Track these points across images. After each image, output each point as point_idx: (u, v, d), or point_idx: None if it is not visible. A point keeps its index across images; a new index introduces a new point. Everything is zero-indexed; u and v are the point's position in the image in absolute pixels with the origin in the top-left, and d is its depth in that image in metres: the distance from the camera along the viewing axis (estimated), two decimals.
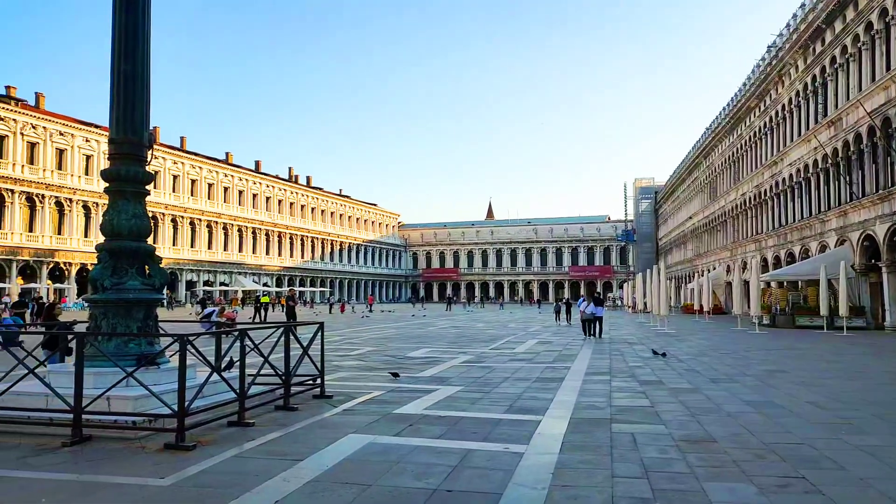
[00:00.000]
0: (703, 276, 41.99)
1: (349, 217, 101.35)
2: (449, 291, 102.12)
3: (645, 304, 37.55)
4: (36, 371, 7.06)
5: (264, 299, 39.86)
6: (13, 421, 6.43)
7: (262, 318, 33.72)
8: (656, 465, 5.42)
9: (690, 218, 61.14)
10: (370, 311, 54.35)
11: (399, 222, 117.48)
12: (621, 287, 77.24)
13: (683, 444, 6.14)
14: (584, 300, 25.11)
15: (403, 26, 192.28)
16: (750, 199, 41.67)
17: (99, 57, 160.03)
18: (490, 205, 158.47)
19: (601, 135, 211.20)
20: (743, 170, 44.04)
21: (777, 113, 36.84)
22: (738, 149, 45.31)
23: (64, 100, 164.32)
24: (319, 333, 9.04)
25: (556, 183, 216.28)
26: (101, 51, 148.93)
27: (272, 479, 4.95)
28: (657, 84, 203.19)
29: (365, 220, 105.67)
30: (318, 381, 8.91)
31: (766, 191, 38.55)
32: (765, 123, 39.02)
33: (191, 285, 70.01)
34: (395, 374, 11.06)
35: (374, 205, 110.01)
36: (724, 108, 48.89)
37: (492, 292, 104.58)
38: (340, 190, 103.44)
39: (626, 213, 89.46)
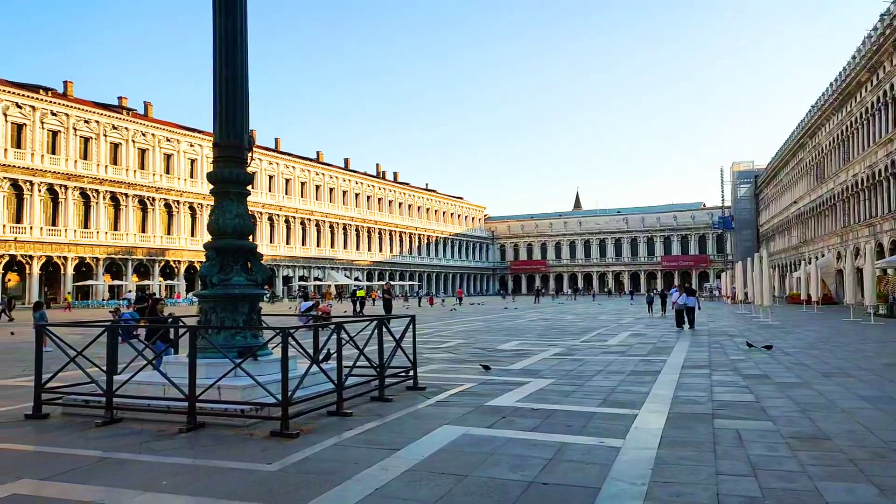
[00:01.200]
0: (810, 263, 39.45)
1: (436, 211, 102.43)
2: (537, 283, 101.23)
3: (745, 294, 35.72)
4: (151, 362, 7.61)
5: (360, 293, 41.03)
6: (135, 408, 6.95)
7: (357, 311, 34.69)
8: (764, 462, 5.17)
9: (795, 202, 57.56)
10: (460, 303, 54.75)
11: (485, 215, 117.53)
12: (718, 277, 74.00)
13: (793, 442, 5.81)
14: (675, 291, 24.30)
15: (484, 17, 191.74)
16: (862, 180, 38.72)
17: (196, 64, 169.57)
18: (577, 195, 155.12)
19: (694, 119, 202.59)
20: (853, 149, 40.97)
21: (892, 86, 33.98)
22: (847, 127, 42.18)
23: (167, 106, 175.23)
24: (411, 326, 9.21)
25: (646, 171, 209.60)
26: (199, 57, 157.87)
27: (371, 468, 5.09)
28: (755, 62, 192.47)
29: (451, 214, 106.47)
30: (411, 372, 9.08)
31: (880, 171, 35.69)
32: (878, 98, 36.08)
33: (287, 280, 73.10)
34: (487, 367, 11.09)
35: (461, 198, 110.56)
36: (830, 84, 45.62)
37: (580, 284, 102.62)
38: (427, 184, 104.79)
39: (722, 200, 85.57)
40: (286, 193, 74.56)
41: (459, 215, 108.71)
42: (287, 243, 74.08)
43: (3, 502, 4.39)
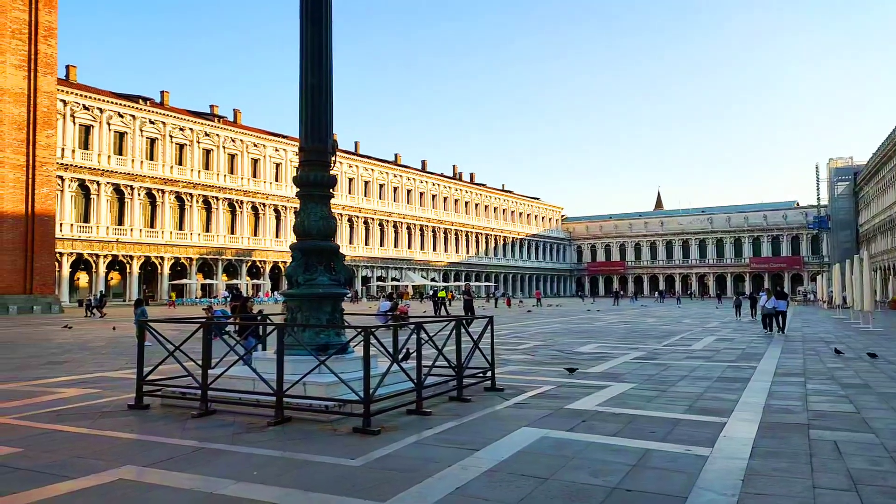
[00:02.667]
0: None
1: (512, 212, 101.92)
2: (615, 285, 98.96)
3: (844, 298, 33.63)
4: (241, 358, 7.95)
5: (441, 294, 41.25)
6: (228, 401, 7.30)
7: (438, 312, 34.91)
8: (866, 476, 4.86)
9: None
10: (539, 304, 54.27)
11: (562, 216, 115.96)
12: (813, 280, 70.02)
13: None
14: (764, 294, 23.24)
15: (562, 17, 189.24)
16: None
17: (283, 71, 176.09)
18: (659, 194, 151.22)
19: (785, 114, 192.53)
20: None
21: None
22: None
23: (254, 113, 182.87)
24: (489, 327, 9.21)
25: (733, 169, 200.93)
26: (285, 66, 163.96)
27: (451, 467, 5.14)
28: (852, 53, 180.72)
29: (528, 215, 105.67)
30: (489, 373, 9.07)
31: None
32: None
33: (365, 281, 74.69)
34: (572, 370, 10.90)
35: (537, 199, 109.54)
36: None
37: (661, 286, 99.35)
38: (503, 185, 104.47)
39: (818, 198, 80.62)
40: (365, 195, 76.21)
41: (536, 216, 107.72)
42: (366, 244, 75.70)
43: (110, 486, 4.72)
